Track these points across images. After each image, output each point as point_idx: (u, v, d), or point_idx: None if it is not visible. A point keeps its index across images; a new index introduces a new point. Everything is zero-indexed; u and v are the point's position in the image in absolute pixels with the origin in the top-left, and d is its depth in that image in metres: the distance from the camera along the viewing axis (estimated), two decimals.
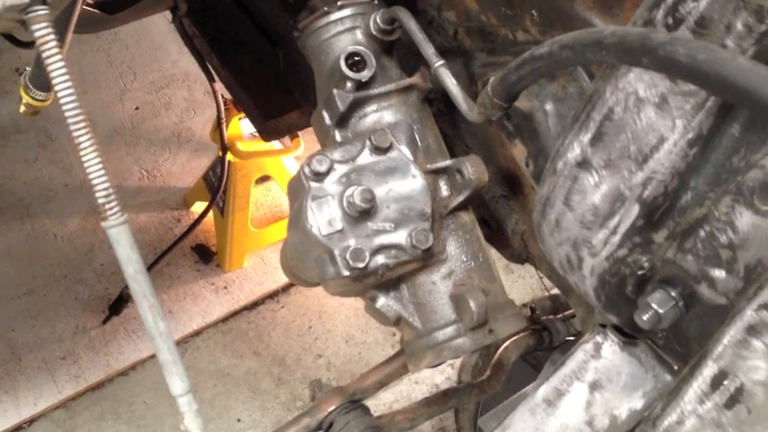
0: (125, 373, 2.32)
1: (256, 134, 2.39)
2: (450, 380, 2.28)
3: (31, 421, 2.20)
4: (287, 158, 2.52)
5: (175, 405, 2.25)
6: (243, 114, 2.31)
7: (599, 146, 0.73)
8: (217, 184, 2.37)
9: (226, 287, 2.54)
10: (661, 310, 0.72)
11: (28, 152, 2.84)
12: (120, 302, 2.39)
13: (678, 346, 0.81)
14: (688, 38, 0.61)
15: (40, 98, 0.97)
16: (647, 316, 0.72)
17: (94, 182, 0.67)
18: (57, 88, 0.66)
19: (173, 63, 3.20)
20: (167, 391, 2.30)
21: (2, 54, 3.13)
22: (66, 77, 0.65)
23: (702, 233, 0.68)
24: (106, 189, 0.66)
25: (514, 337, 1.47)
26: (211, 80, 1.98)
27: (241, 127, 2.36)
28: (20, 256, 2.54)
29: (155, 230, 2.64)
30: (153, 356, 2.33)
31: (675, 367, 0.84)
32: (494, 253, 1.21)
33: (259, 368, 2.37)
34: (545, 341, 1.50)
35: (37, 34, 0.65)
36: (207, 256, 2.60)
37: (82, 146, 0.66)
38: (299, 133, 2.39)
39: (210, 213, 2.49)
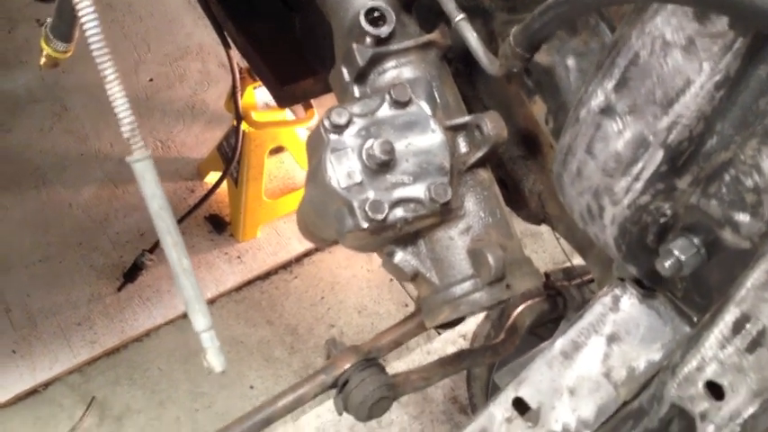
0: (140, 340, 2.34)
1: (271, 104, 2.40)
2: None
3: (47, 385, 2.23)
4: (301, 129, 2.52)
5: (190, 371, 2.26)
6: (258, 84, 2.31)
7: (623, 92, 0.73)
8: (231, 154, 2.38)
9: (239, 257, 2.55)
10: (683, 257, 0.71)
11: (43, 122, 2.85)
12: (135, 270, 2.40)
13: (697, 297, 0.81)
14: None
15: (61, 49, 0.97)
16: (669, 263, 0.72)
17: (120, 116, 0.67)
18: (83, 21, 0.66)
19: (187, 35, 3.19)
20: (181, 357, 2.31)
21: (17, 25, 3.13)
22: (94, 13, 0.66)
23: (727, 177, 0.68)
24: (131, 123, 0.67)
25: (529, 302, 1.48)
26: (227, 47, 1.98)
27: (256, 97, 2.36)
28: (35, 224, 2.56)
29: (169, 200, 2.64)
30: (167, 323, 2.36)
31: (695, 319, 0.84)
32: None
33: (272, 337, 2.38)
34: (559, 307, 1.51)
35: None
36: (220, 226, 2.61)
37: (107, 79, 0.66)
38: (314, 104, 2.39)
39: (224, 184, 2.49)
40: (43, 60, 1.01)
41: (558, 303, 1.49)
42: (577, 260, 1.81)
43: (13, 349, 2.27)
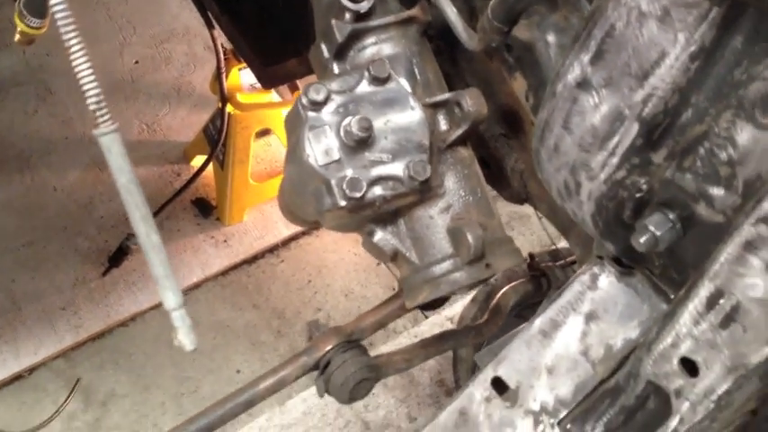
0: (125, 324, 2.33)
1: (256, 86, 2.37)
2: None
3: (32, 370, 2.21)
4: (287, 111, 2.50)
5: (175, 356, 2.25)
6: (243, 65, 2.29)
7: (599, 64, 0.72)
8: (217, 137, 2.36)
9: (225, 240, 2.54)
10: (658, 232, 0.71)
11: (27, 105, 2.82)
12: (120, 254, 2.39)
13: (675, 274, 0.80)
14: None
15: (35, 25, 0.95)
16: (644, 238, 0.71)
17: (85, 87, 0.66)
18: None
19: (173, 17, 3.16)
20: (167, 342, 2.29)
21: (1, 7, 3.09)
22: None
23: (702, 150, 0.67)
24: (97, 96, 0.65)
25: (513, 283, 1.47)
26: (211, 27, 1.95)
27: (241, 78, 2.34)
28: (20, 208, 2.54)
29: (154, 184, 2.63)
30: (153, 308, 2.34)
31: (671, 296, 0.84)
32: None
33: (258, 321, 2.38)
34: (543, 288, 1.50)
35: None
36: (207, 210, 2.60)
37: (72, 50, 0.64)
38: (300, 85, 2.37)
39: (210, 167, 2.48)
40: (17, 37, 1.00)
41: (543, 284, 1.49)
42: (564, 243, 1.81)
43: None
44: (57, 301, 2.35)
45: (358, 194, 0.93)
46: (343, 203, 0.93)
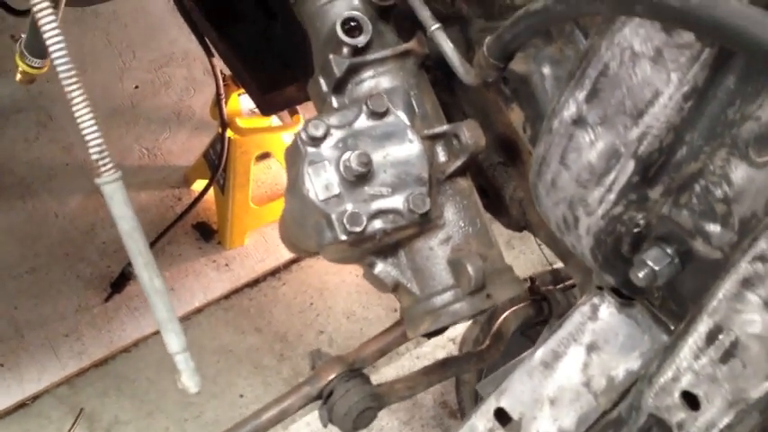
0: (128, 350, 2.33)
1: (256, 110, 2.38)
2: (452, 355, 2.28)
3: (35, 398, 2.21)
4: (287, 135, 2.51)
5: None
6: (242, 90, 2.30)
7: (594, 102, 0.73)
8: (217, 162, 2.37)
9: (227, 264, 2.55)
10: (657, 267, 0.71)
11: (28, 132, 2.83)
12: (123, 280, 2.39)
13: (674, 306, 0.81)
14: None
15: (36, 65, 0.96)
16: (643, 273, 0.72)
17: (87, 137, 0.67)
18: (49, 44, 0.66)
19: (172, 42, 3.18)
20: (170, 367, 2.30)
21: (1, 34, 3.12)
22: (59, 33, 0.65)
23: (697, 188, 0.68)
24: (99, 145, 0.66)
25: (514, 308, 1.48)
26: (210, 55, 1.97)
27: (240, 103, 2.36)
28: (21, 235, 2.55)
29: (156, 209, 2.64)
30: (155, 333, 2.34)
31: (672, 327, 0.84)
32: (495, 228, 1.21)
33: (261, 344, 2.38)
34: (545, 312, 1.50)
35: None
36: (208, 234, 2.60)
37: (74, 101, 0.65)
38: (299, 110, 2.38)
39: (211, 191, 2.49)
40: (19, 77, 1.01)
41: (544, 308, 1.49)
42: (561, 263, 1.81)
43: (1, 362, 2.25)
44: (60, 328, 2.35)
45: (358, 229, 0.94)
46: (343, 238, 0.94)
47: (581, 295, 1.20)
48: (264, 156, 2.64)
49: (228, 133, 2.31)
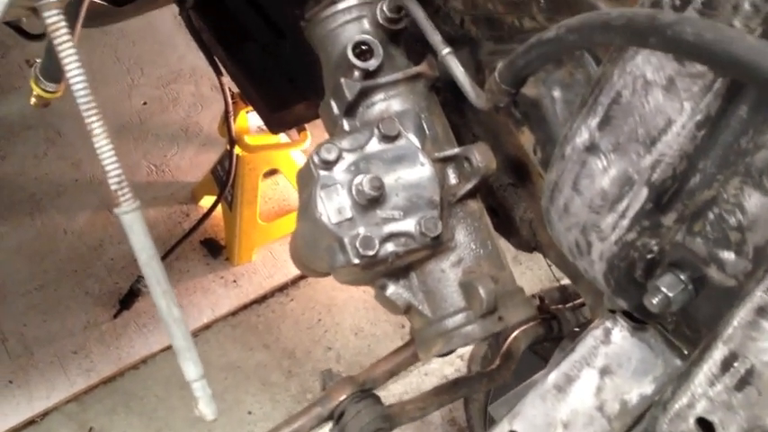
0: (136, 367, 2.34)
1: (264, 128, 2.40)
2: (460, 371, 2.28)
3: (44, 415, 2.22)
4: (295, 152, 2.53)
5: (186, 398, 2.25)
6: (250, 108, 2.31)
7: (607, 130, 0.73)
8: (225, 178, 2.38)
9: (235, 281, 2.55)
10: (671, 294, 0.71)
11: (37, 148, 2.85)
12: (131, 297, 2.40)
13: (688, 331, 0.81)
14: (695, 17, 0.61)
15: (51, 90, 0.97)
16: (657, 300, 0.72)
17: (107, 168, 0.68)
18: (68, 75, 0.67)
19: (179, 58, 3.20)
20: (178, 384, 2.31)
21: (10, 50, 3.14)
22: (78, 65, 0.66)
23: (711, 215, 0.68)
24: (119, 176, 0.67)
25: (524, 327, 1.48)
26: (219, 73, 1.98)
27: (249, 120, 2.37)
28: (30, 252, 2.56)
29: (164, 225, 2.65)
30: (164, 350, 2.35)
31: (685, 352, 0.84)
32: (502, 243, 1.21)
33: (269, 361, 2.38)
34: (554, 330, 1.50)
35: (48, 21, 0.66)
36: (216, 250, 2.61)
37: (94, 132, 0.66)
38: (307, 126, 2.39)
39: (219, 207, 2.50)
40: (33, 101, 1.02)
41: (553, 327, 1.49)
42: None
43: (10, 379, 2.26)
44: (68, 345, 2.36)
45: (371, 252, 0.94)
46: (356, 261, 0.95)
47: (591, 316, 1.21)
48: (272, 172, 2.65)
49: (237, 150, 2.33)
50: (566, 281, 1.82)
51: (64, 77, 1.01)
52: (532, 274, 2.56)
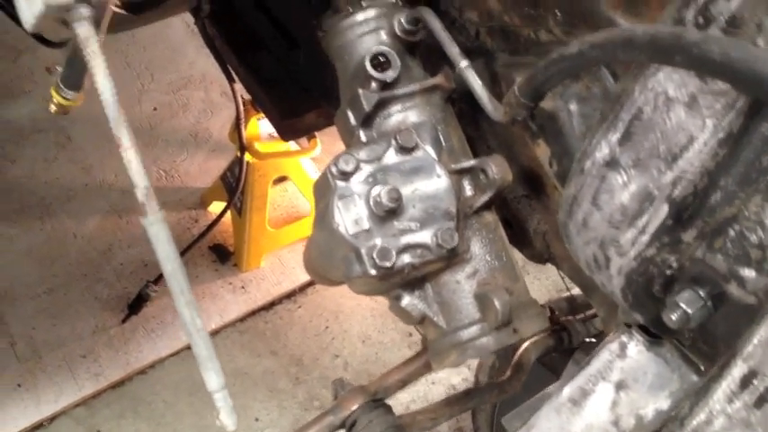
0: (144, 372, 2.34)
1: (274, 135, 2.41)
2: (467, 380, 2.28)
3: (52, 419, 2.22)
4: (304, 159, 2.53)
5: (195, 404, 2.26)
6: (261, 115, 2.32)
7: (627, 145, 0.74)
8: (235, 185, 2.39)
9: (243, 287, 2.56)
10: (690, 310, 0.72)
11: (47, 152, 2.86)
12: (140, 301, 2.41)
13: (705, 346, 0.81)
14: (721, 36, 0.62)
15: (71, 98, 0.98)
16: (676, 316, 0.72)
17: (135, 179, 0.68)
18: (99, 87, 0.68)
19: (190, 64, 3.22)
20: (186, 389, 2.31)
21: (21, 55, 3.16)
22: (108, 77, 0.67)
23: (732, 233, 0.68)
24: (146, 187, 0.68)
25: (534, 338, 1.48)
26: (231, 81, 1.99)
27: (259, 127, 2.38)
28: (40, 256, 2.57)
29: (173, 230, 2.60)
30: (172, 355, 2.35)
31: (702, 367, 0.84)
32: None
33: (276, 368, 2.38)
34: (564, 342, 1.50)
35: (79, 34, 0.66)
36: (224, 256, 2.62)
37: (123, 144, 0.67)
38: (316, 134, 2.40)
39: (228, 213, 2.50)
40: (53, 108, 1.03)
41: (564, 338, 1.49)
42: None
43: (18, 383, 2.27)
44: (77, 349, 2.36)
45: (388, 264, 0.95)
46: (373, 272, 0.95)
47: (604, 329, 1.21)
48: (281, 179, 2.66)
49: (247, 157, 2.33)
50: (575, 291, 1.82)
51: (84, 86, 1.02)
52: (540, 284, 2.56)
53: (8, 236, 2.60)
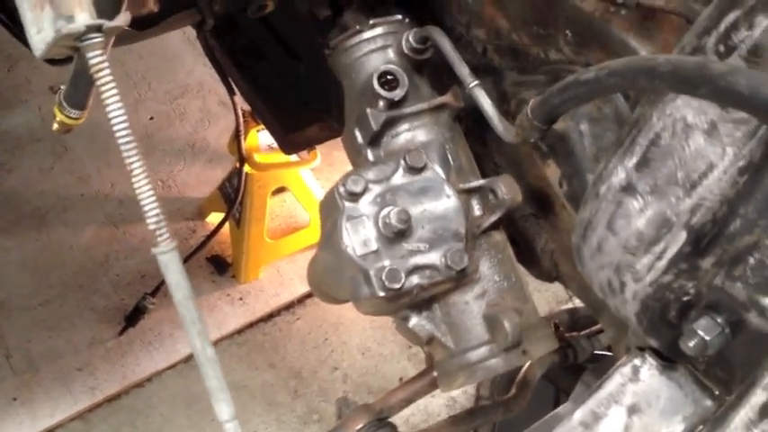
0: (141, 385, 2.32)
1: (273, 146, 2.40)
2: (467, 393, 2.27)
3: None
4: (303, 170, 2.52)
5: (193, 417, 2.23)
6: (260, 126, 2.31)
7: (645, 171, 0.73)
8: (234, 196, 2.38)
9: (241, 298, 2.54)
10: (707, 337, 0.71)
11: (43, 162, 2.85)
12: (137, 314, 2.39)
13: (720, 372, 0.80)
14: (748, 69, 0.61)
15: (74, 116, 0.97)
16: (693, 343, 0.71)
17: (146, 208, 0.67)
18: (110, 115, 0.67)
19: (187, 74, 3.21)
20: (184, 403, 2.28)
21: (17, 64, 3.14)
22: (120, 104, 0.66)
23: (752, 260, 0.68)
24: (157, 216, 0.67)
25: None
26: (231, 93, 1.98)
27: (258, 139, 2.37)
28: (36, 267, 2.55)
29: None
30: (169, 368, 2.34)
31: (716, 392, 0.84)
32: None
33: (275, 380, 2.37)
34: (569, 358, 1.49)
35: (92, 62, 0.65)
36: (222, 267, 2.60)
37: (134, 172, 0.66)
38: (316, 146, 2.39)
39: (226, 224, 2.49)
40: (56, 126, 1.01)
41: (569, 355, 1.48)
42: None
43: (14, 396, 2.24)
44: (73, 362, 2.34)
45: (397, 285, 0.94)
46: (381, 294, 0.94)
47: (614, 351, 1.20)
48: (279, 190, 2.65)
49: (246, 168, 2.32)
50: (572, 304, 1.81)
51: (88, 104, 1.00)
52: (540, 295, 2.55)
53: (4, 246, 2.58)
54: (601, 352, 1.59)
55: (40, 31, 0.64)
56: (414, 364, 2.36)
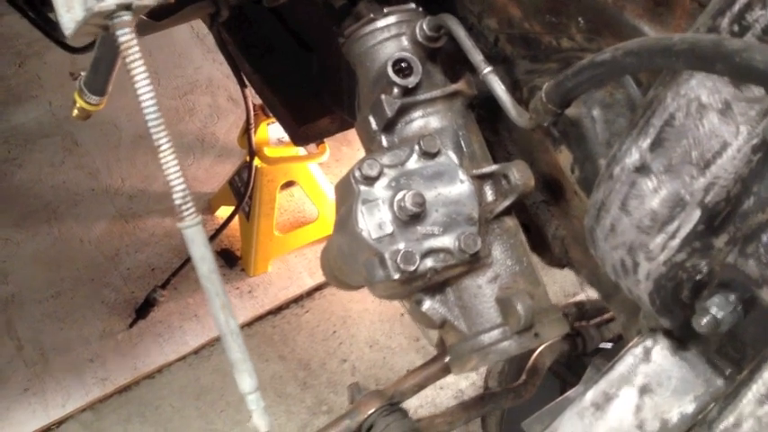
0: (151, 377, 2.34)
1: (283, 140, 2.42)
2: (476, 385, 2.28)
3: (60, 423, 2.22)
4: (312, 164, 2.54)
5: (202, 408, 2.26)
6: (271, 120, 2.33)
7: (659, 151, 0.74)
8: (243, 189, 2.39)
9: (250, 291, 2.56)
10: (720, 315, 0.72)
11: (54, 156, 2.87)
12: (147, 306, 2.41)
13: (732, 351, 0.81)
14: (760, 44, 0.62)
15: (94, 102, 0.99)
16: (706, 320, 0.73)
17: (172, 184, 0.69)
18: (139, 93, 0.69)
19: (196, 69, 3.22)
20: (193, 394, 2.30)
21: (27, 60, 3.17)
22: (148, 82, 0.68)
23: (765, 238, 0.69)
24: (183, 191, 0.68)
25: (548, 343, 1.48)
26: (243, 86, 1.99)
27: (269, 133, 2.38)
28: (47, 260, 2.57)
29: (180, 235, 2.64)
30: (179, 360, 2.35)
31: (728, 371, 0.85)
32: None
33: (284, 372, 2.38)
34: (579, 347, 1.51)
35: (121, 39, 0.67)
36: (232, 261, 2.62)
37: (162, 149, 0.68)
38: (325, 139, 2.41)
39: (235, 218, 2.51)
40: (76, 112, 1.03)
41: (578, 343, 1.50)
42: (590, 292, 1.81)
43: (26, 387, 2.26)
44: (84, 353, 2.36)
45: (412, 268, 0.95)
46: (396, 276, 0.95)
47: (624, 335, 1.21)
48: (288, 184, 2.66)
49: (256, 162, 2.34)
50: (580, 297, 1.82)
51: (108, 89, 1.02)
52: (548, 289, 2.56)
53: (15, 240, 2.60)
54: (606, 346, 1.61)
55: (70, 10, 0.66)
56: (422, 356, 2.37)
